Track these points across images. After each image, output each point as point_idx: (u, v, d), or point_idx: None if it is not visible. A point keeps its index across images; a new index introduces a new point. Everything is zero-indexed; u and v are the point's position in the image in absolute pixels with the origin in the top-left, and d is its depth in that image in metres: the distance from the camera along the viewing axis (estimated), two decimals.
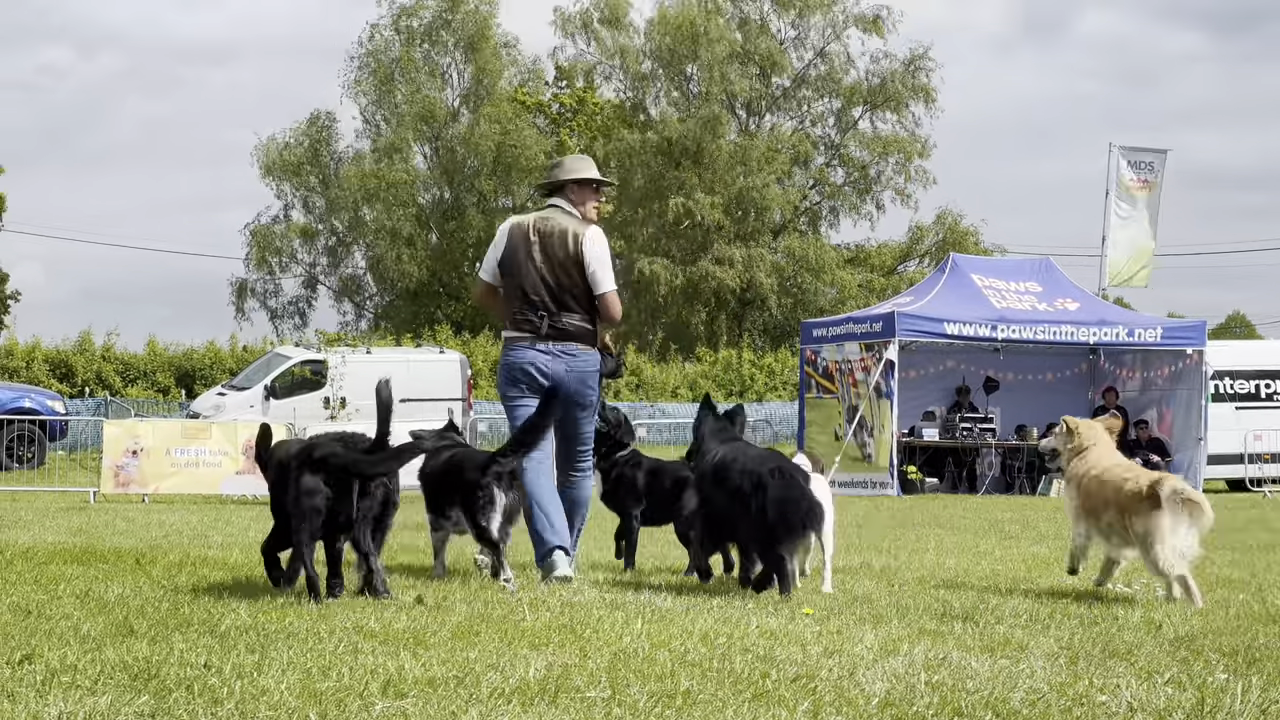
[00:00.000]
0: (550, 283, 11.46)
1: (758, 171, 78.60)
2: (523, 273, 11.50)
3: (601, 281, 11.52)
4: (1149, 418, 35.26)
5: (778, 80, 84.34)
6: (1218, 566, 13.04)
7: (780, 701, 6.27)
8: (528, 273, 11.48)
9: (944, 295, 34.06)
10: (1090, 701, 6.36)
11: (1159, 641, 8.22)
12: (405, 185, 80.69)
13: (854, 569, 12.22)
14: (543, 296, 11.46)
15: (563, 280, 11.46)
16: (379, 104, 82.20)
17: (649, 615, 8.95)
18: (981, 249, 78.41)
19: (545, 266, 11.47)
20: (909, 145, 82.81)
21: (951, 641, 8.11)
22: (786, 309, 79.42)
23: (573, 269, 11.47)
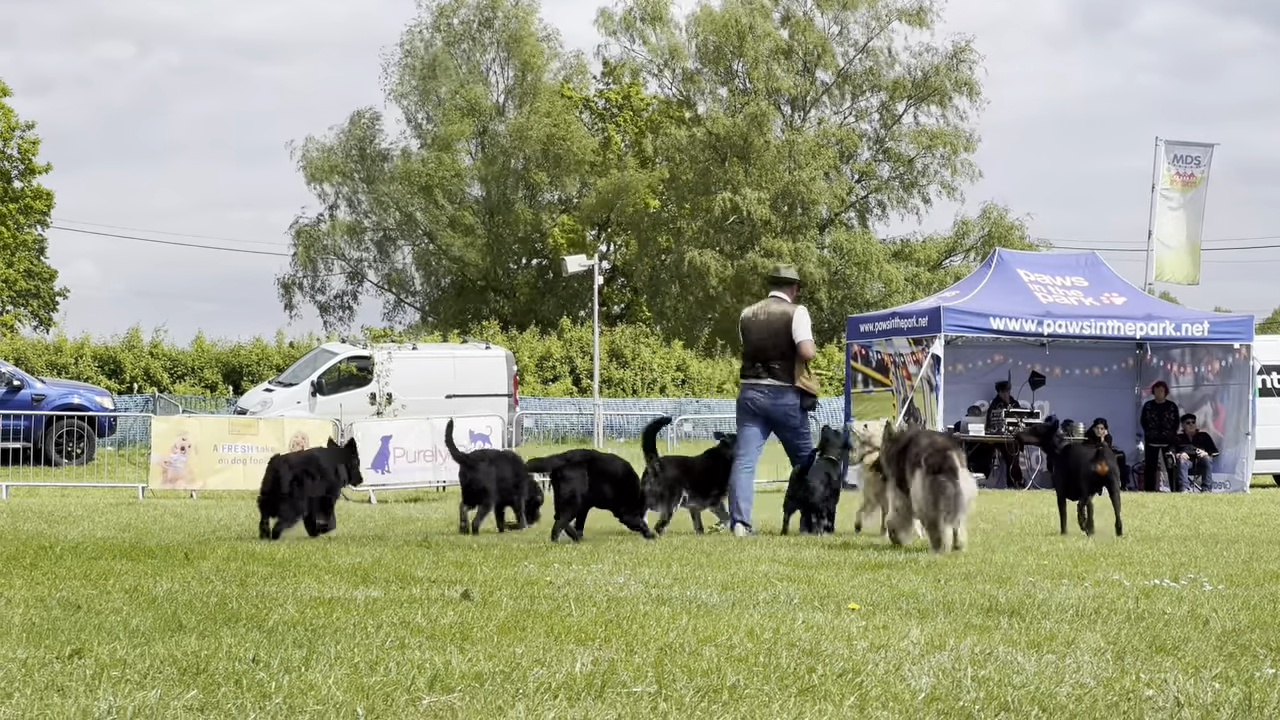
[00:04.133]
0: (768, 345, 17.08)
1: (804, 166, 78.51)
2: (751, 336, 17.31)
3: (800, 334, 16.95)
4: (1203, 413, 35.12)
5: (822, 75, 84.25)
6: (1266, 562, 12.99)
7: (826, 696, 6.28)
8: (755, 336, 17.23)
9: (990, 290, 33.96)
10: (1137, 696, 6.35)
11: (1206, 636, 8.20)
12: (453, 180, 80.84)
13: (900, 564, 12.21)
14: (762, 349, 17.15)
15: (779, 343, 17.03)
16: (422, 102, 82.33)
17: (695, 611, 8.97)
18: (1027, 244, 78.26)
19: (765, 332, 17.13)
20: (954, 139, 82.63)
21: (998, 636, 8.10)
22: (835, 302, 79.31)
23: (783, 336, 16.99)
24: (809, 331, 17.03)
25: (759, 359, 17.07)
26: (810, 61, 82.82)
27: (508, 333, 71.23)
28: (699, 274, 77.40)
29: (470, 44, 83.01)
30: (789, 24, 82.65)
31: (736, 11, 79.87)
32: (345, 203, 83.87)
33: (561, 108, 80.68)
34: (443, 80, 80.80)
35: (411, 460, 29.41)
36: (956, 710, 6.11)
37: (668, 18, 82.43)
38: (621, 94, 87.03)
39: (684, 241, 79.41)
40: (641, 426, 53.01)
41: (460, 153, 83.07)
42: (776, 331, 16.95)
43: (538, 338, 70.34)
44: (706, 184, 79.17)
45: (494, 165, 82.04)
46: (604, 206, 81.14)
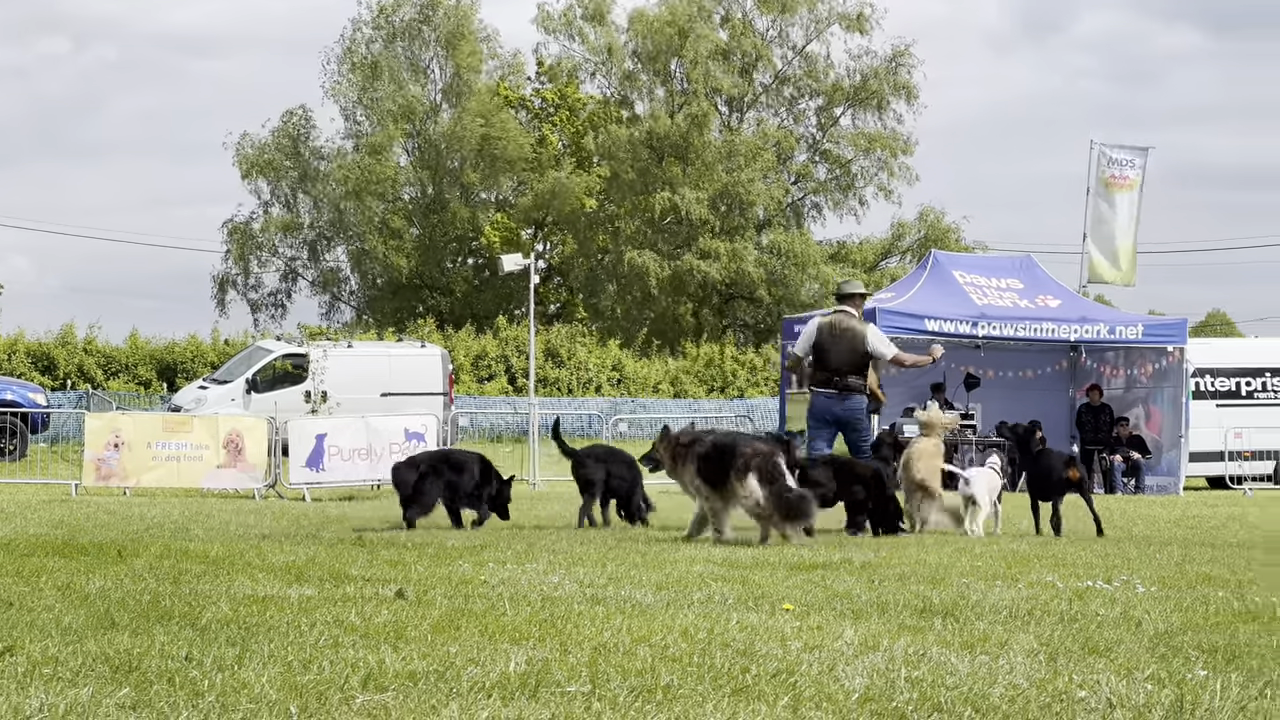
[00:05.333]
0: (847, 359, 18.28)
1: (743, 167, 78.64)
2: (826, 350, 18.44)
3: (885, 351, 18.43)
4: (1137, 415, 35.34)
5: (761, 77, 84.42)
6: (1198, 564, 13.07)
7: (760, 696, 6.29)
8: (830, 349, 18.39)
9: (925, 291, 34.04)
10: (1070, 698, 6.38)
11: (1139, 638, 8.24)
12: (388, 180, 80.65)
13: (834, 565, 12.24)
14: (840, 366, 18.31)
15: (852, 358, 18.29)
16: (359, 100, 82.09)
17: (629, 610, 8.97)
18: (963, 246, 78.56)
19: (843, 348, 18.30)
20: (891, 142, 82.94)
21: (931, 637, 8.12)
22: (774, 302, 79.42)
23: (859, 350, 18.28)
24: (890, 345, 18.68)
25: (834, 373, 18.34)
26: (749, 63, 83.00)
27: (443, 331, 71.09)
28: (636, 274, 77.43)
29: (409, 42, 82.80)
30: (728, 26, 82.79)
31: (676, 12, 79.96)
32: (280, 200, 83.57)
33: (497, 107, 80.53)
34: (381, 79, 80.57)
35: (346, 459, 29.31)
36: (890, 711, 6.13)
37: (609, 17, 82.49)
38: (558, 93, 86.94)
39: (622, 241, 79.42)
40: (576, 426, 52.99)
41: (396, 151, 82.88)
42: (851, 348, 18.26)
43: (473, 336, 70.23)
44: (645, 184, 79.21)
45: (429, 164, 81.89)
46: (540, 206, 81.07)
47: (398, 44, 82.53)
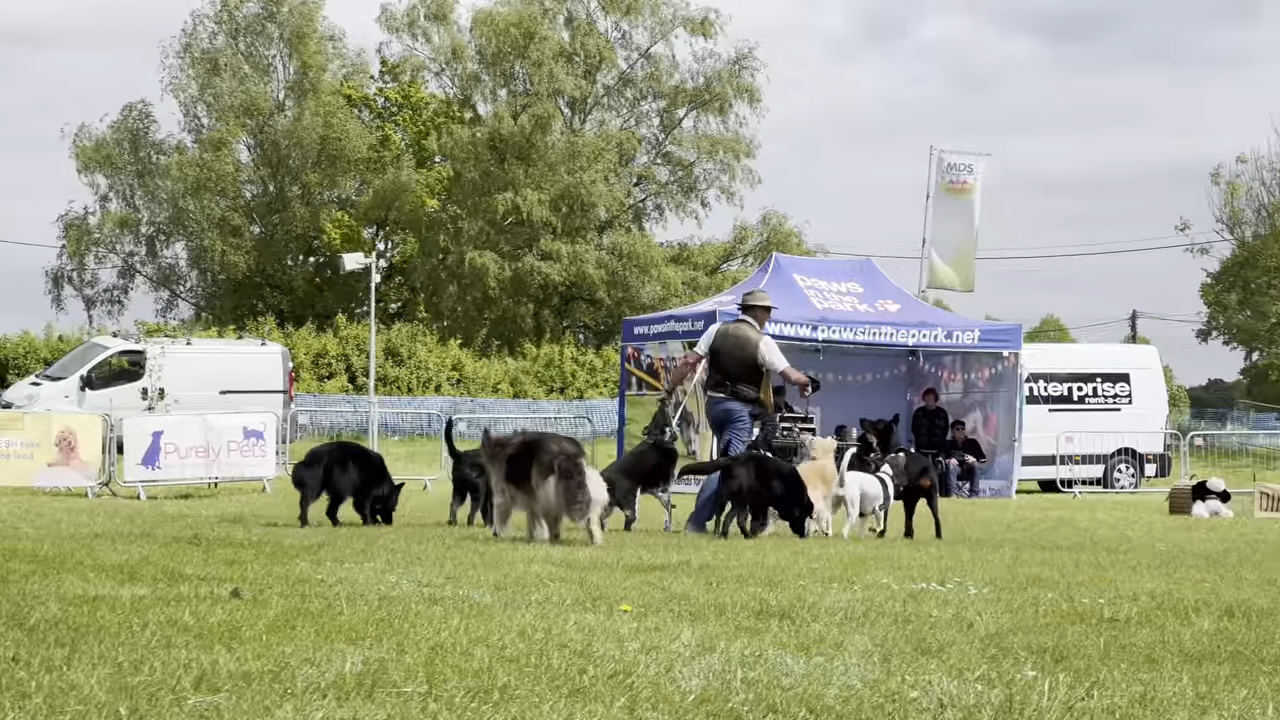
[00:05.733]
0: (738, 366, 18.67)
1: (585, 169, 78.67)
2: (721, 355, 18.88)
3: (775, 366, 18.70)
4: (975, 420, 35.73)
5: (604, 78, 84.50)
6: (1029, 566, 13.23)
7: (597, 697, 6.29)
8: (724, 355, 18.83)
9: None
10: (902, 698, 6.43)
11: (970, 639, 8.33)
12: (229, 177, 79.93)
13: (673, 566, 12.27)
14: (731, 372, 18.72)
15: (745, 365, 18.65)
16: (201, 95, 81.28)
17: (467, 611, 8.94)
18: (805, 249, 79.05)
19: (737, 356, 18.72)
20: (734, 145, 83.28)
21: (768, 638, 8.16)
22: (614, 303, 79.54)
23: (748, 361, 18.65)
24: (782, 359, 18.89)
25: (726, 377, 18.82)
26: (592, 65, 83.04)
27: (284, 329, 70.65)
28: (477, 274, 77.24)
29: (253, 39, 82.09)
30: (572, 27, 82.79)
31: (520, 13, 79.87)
32: (118, 195, 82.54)
33: (338, 106, 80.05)
34: (222, 75, 79.82)
35: (183, 456, 29.03)
36: (725, 712, 6.15)
37: (452, 17, 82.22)
38: (401, 93, 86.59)
39: (464, 242, 79.20)
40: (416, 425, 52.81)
41: (238, 148, 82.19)
42: (744, 357, 18.69)
43: (314, 334, 69.85)
44: (487, 184, 79.05)
45: (271, 162, 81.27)
46: (381, 205, 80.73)
47: (241, 40, 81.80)
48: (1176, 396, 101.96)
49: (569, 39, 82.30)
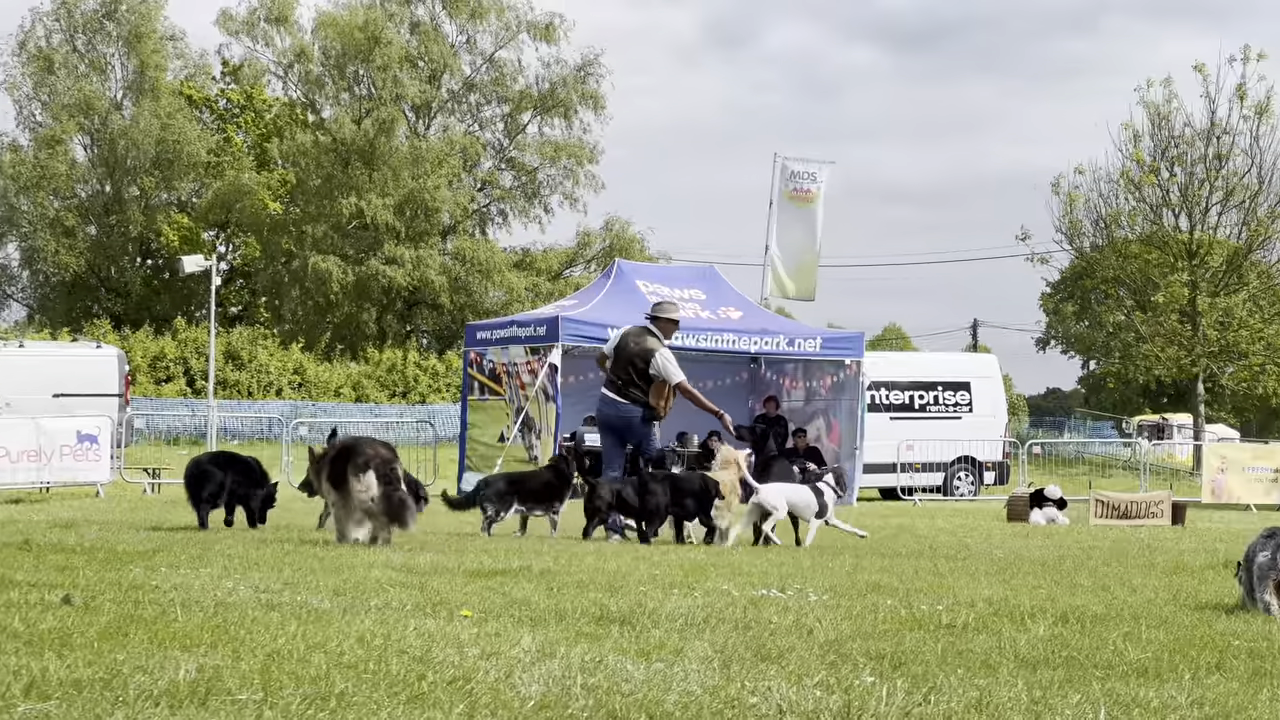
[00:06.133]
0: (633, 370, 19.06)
1: (429, 174, 78.45)
2: (619, 358, 19.23)
3: (670, 378, 19.13)
4: (819, 428, 35.92)
5: (449, 83, 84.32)
6: (868, 573, 13.31)
7: (436, 704, 6.25)
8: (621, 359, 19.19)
9: (609, 301, 34.23)
10: (741, 704, 6.44)
11: (810, 645, 8.36)
12: (63, 176, 78.90)
13: (514, 571, 12.23)
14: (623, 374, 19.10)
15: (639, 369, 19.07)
16: (36, 93, 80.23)
17: (305, 616, 8.86)
18: (648, 256, 79.36)
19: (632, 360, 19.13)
20: (578, 151, 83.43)
21: (608, 644, 8.14)
22: (457, 309, 79.39)
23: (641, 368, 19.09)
24: (678, 372, 19.28)
25: (618, 378, 19.24)
26: (437, 70, 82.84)
27: (120, 332, 69.84)
28: (321, 279, 76.80)
29: (90, 37, 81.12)
30: (417, 32, 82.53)
31: (364, 17, 79.51)
32: None
33: (178, 108, 79.27)
34: (58, 73, 78.82)
35: (14, 461, 28.63)
36: (565, 718, 6.13)
37: (293, 19, 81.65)
38: (244, 95, 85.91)
39: (307, 246, 78.72)
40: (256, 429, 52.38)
41: (74, 147, 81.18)
42: (637, 363, 19.16)
43: (151, 337, 69.08)
44: (331, 189, 78.65)
45: (107, 162, 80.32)
46: (222, 208, 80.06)
47: (78, 38, 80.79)
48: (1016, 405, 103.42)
49: (414, 43, 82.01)
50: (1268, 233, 64.26)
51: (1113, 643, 8.80)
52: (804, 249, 40.89)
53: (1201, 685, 7.31)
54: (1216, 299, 65.27)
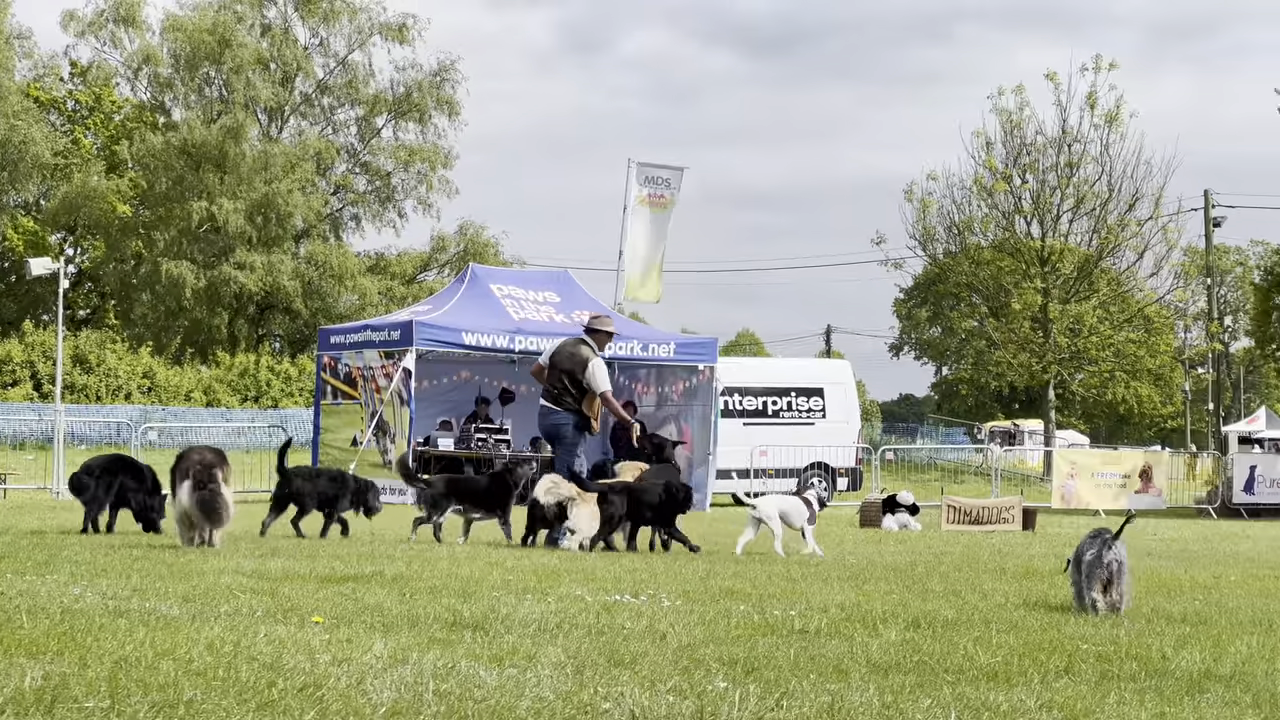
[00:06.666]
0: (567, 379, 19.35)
1: (281, 178, 77.90)
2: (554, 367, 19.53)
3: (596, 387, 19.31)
4: (669, 433, 35.93)
5: (302, 86, 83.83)
6: (721, 578, 13.35)
7: (286, 711, 6.20)
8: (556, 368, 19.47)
9: (463, 305, 34.13)
10: (594, 710, 6.43)
11: (663, 650, 8.36)
12: None
13: (366, 577, 12.17)
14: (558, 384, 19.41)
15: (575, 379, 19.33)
16: None
17: (153, 623, 8.76)
18: (503, 260, 79.27)
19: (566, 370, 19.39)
20: (432, 155, 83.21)
21: (461, 650, 8.12)
22: (310, 314, 78.90)
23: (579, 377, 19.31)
24: (605, 383, 19.48)
25: (554, 387, 19.50)
26: (289, 72, 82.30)
27: None
28: (171, 284, 76.05)
29: None
30: (269, 34, 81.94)
31: (213, 20, 78.81)
32: None
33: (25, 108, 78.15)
34: None
35: None
36: None
37: (140, 21, 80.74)
38: (93, 96, 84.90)
39: (157, 250, 77.93)
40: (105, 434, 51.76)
41: None
42: (572, 372, 19.36)
43: None
44: (181, 192, 77.91)
45: None
46: (70, 210, 79.04)
47: None
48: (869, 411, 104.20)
49: (265, 46, 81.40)
50: (1118, 240, 65.07)
51: (964, 647, 8.87)
52: (657, 253, 40.93)
53: (1050, 689, 7.39)
54: (1067, 306, 66.03)
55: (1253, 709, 7.02)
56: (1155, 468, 42.09)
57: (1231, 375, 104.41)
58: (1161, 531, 29.25)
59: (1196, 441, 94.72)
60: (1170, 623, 10.63)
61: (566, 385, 19.40)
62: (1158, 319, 75.55)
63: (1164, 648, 9.08)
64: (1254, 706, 7.09)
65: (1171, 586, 13.99)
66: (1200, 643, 9.40)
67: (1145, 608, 11.61)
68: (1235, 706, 7.07)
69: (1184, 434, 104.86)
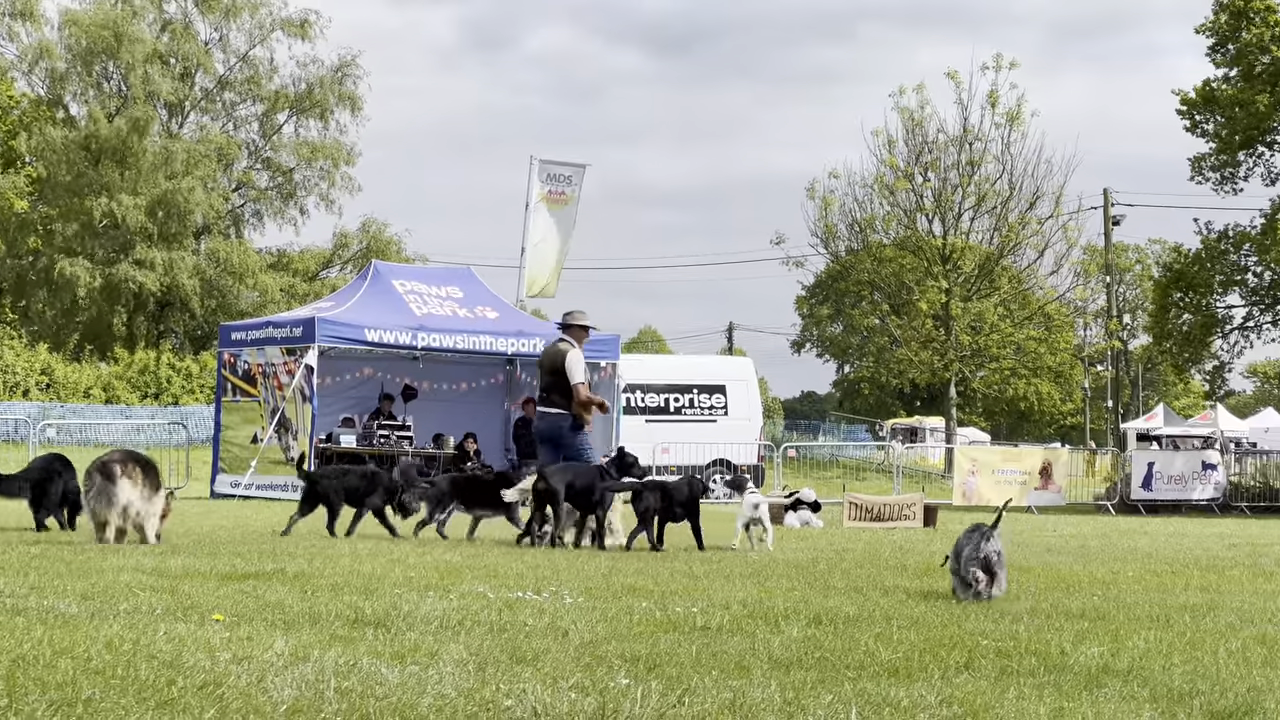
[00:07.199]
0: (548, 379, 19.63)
1: (183, 174, 77.33)
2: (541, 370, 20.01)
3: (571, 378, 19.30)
4: None
5: (203, 82, 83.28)
6: (624, 575, 13.36)
7: (186, 709, 6.16)
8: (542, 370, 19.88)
9: (365, 302, 34.05)
10: (496, 707, 6.42)
11: (565, 647, 8.36)
12: None
13: (268, 574, 12.11)
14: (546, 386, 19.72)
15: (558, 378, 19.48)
16: None
17: (52, 621, 8.69)
18: (405, 257, 79.02)
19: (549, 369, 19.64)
20: (334, 152, 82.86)
21: (363, 648, 8.09)
22: (209, 311, 78.39)
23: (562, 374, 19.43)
24: (583, 375, 19.58)
25: (542, 390, 19.89)
26: (190, 68, 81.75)
27: None
28: (69, 282, 75.38)
29: None
30: (168, 30, 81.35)
31: (109, 15, 78.15)
32: None
33: None
34: None
35: None
36: None
37: (39, 15, 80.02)
38: None
39: (55, 246, 77.21)
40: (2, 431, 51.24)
41: None
42: (553, 369, 19.57)
43: None
44: (81, 187, 77.21)
45: None
46: None
47: None
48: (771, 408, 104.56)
49: (165, 41, 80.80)
50: (1018, 238, 65.56)
51: (865, 643, 8.91)
52: (559, 251, 40.95)
53: (951, 684, 7.43)
54: (969, 303, 66.50)
55: (1149, 703, 7.08)
56: (1055, 465, 42.43)
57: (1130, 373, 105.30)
58: (1061, 528, 29.50)
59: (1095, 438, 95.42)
60: (1069, 618, 10.71)
61: (554, 383, 19.60)
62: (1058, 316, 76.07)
63: (1063, 643, 9.15)
64: (1151, 700, 7.16)
65: (1070, 582, 14.10)
66: (1098, 638, 9.48)
67: (1045, 604, 11.70)
68: (1132, 701, 7.13)
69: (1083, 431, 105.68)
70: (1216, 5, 54.37)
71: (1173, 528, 31.55)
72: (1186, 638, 9.68)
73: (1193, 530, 30.22)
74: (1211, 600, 12.55)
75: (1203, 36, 55.03)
